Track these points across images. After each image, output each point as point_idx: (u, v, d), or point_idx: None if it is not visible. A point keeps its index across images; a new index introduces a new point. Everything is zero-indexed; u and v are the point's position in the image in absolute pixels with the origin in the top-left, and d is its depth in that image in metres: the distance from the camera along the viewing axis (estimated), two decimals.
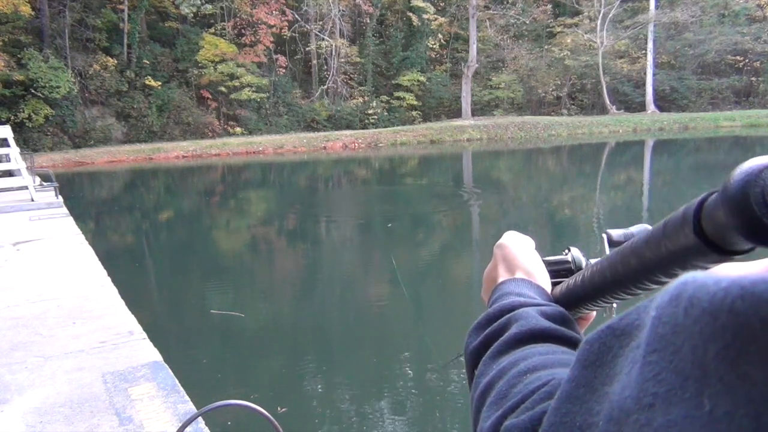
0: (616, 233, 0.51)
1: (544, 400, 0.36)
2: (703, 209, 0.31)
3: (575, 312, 0.54)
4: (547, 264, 0.60)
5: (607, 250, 0.49)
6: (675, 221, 0.34)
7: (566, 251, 0.61)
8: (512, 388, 0.40)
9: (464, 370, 0.51)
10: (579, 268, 0.59)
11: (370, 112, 34.18)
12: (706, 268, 0.33)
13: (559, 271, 0.59)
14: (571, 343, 0.46)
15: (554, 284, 0.57)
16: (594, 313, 0.57)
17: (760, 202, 0.27)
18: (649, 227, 0.40)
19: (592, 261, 0.55)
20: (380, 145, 28.86)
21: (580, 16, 36.19)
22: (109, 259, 6.86)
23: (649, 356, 0.23)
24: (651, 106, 35.03)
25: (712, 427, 0.20)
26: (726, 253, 0.31)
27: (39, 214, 8.53)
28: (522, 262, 0.57)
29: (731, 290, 0.21)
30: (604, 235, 0.51)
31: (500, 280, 0.57)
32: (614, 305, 0.50)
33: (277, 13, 32.29)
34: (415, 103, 35.45)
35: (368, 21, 35.75)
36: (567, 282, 0.54)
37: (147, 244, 10.84)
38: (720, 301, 0.21)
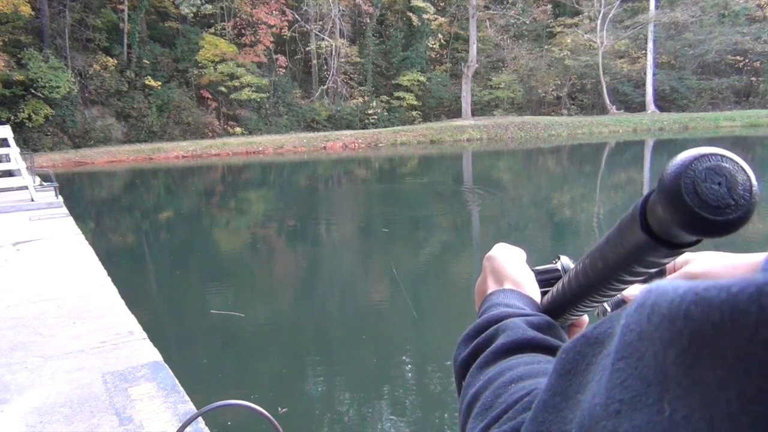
0: None
1: (525, 410, 0.36)
2: (648, 205, 0.31)
3: (564, 319, 0.53)
4: (537, 273, 0.59)
5: None
6: (626, 219, 0.34)
7: (556, 260, 0.61)
8: (497, 398, 0.40)
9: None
10: None
11: (370, 112, 34.18)
12: (663, 264, 0.35)
13: (549, 280, 0.59)
14: (557, 352, 0.46)
15: (545, 293, 0.57)
16: (586, 318, 0.56)
17: (692, 192, 0.27)
18: None
19: None
20: (380, 145, 28.85)
21: (580, 16, 36.18)
22: (109, 259, 6.86)
23: (617, 363, 0.24)
24: (651, 106, 35.02)
25: (672, 431, 0.20)
26: (674, 246, 0.32)
27: (39, 214, 8.53)
28: (510, 272, 0.58)
29: (687, 296, 0.21)
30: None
31: (489, 291, 0.57)
32: (605, 306, 0.50)
33: (277, 13, 32.28)
34: (415, 103, 35.45)
35: (368, 21, 35.74)
36: (552, 290, 0.54)
37: (147, 244, 10.83)
38: (677, 307, 0.21)
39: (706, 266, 0.48)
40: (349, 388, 4.38)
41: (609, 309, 0.53)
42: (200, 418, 2.28)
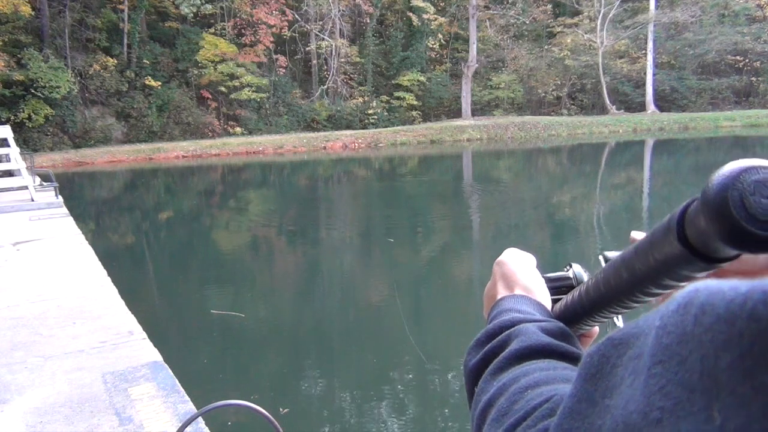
0: (612, 255, 0.48)
1: (546, 417, 0.35)
2: (686, 216, 0.30)
3: (576, 328, 0.53)
4: (548, 280, 0.58)
5: None
6: (661, 230, 0.32)
7: (567, 267, 0.60)
8: (514, 404, 0.39)
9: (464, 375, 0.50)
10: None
11: (370, 112, 34.17)
12: (696, 278, 0.33)
13: (560, 287, 0.58)
14: (572, 358, 0.45)
15: (555, 301, 0.56)
16: (597, 328, 0.56)
17: (739, 206, 0.26)
18: None
19: None
20: (380, 145, 28.85)
21: (580, 16, 36.16)
22: (109, 259, 6.86)
23: (654, 368, 0.23)
24: (651, 106, 35.01)
25: None
26: (712, 260, 0.30)
27: (39, 214, 8.53)
28: (521, 278, 0.56)
29: (752, 295, 0.20)
30: (601, 257, 0.49)
31: (499, 296, 0.56)
32: (617, 319, 0.50)
33: (277, 13, 32.27)
34: (415, 103, 35.44)
35: (368, 21, 35.73)
36: (566, 298, 0.54)
37: (147, 244, 10.83)
38: (738, 306, 0.20)
39: None
40: (350, 388, 4.38)
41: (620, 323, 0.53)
42: (200, 418, 2.28)
